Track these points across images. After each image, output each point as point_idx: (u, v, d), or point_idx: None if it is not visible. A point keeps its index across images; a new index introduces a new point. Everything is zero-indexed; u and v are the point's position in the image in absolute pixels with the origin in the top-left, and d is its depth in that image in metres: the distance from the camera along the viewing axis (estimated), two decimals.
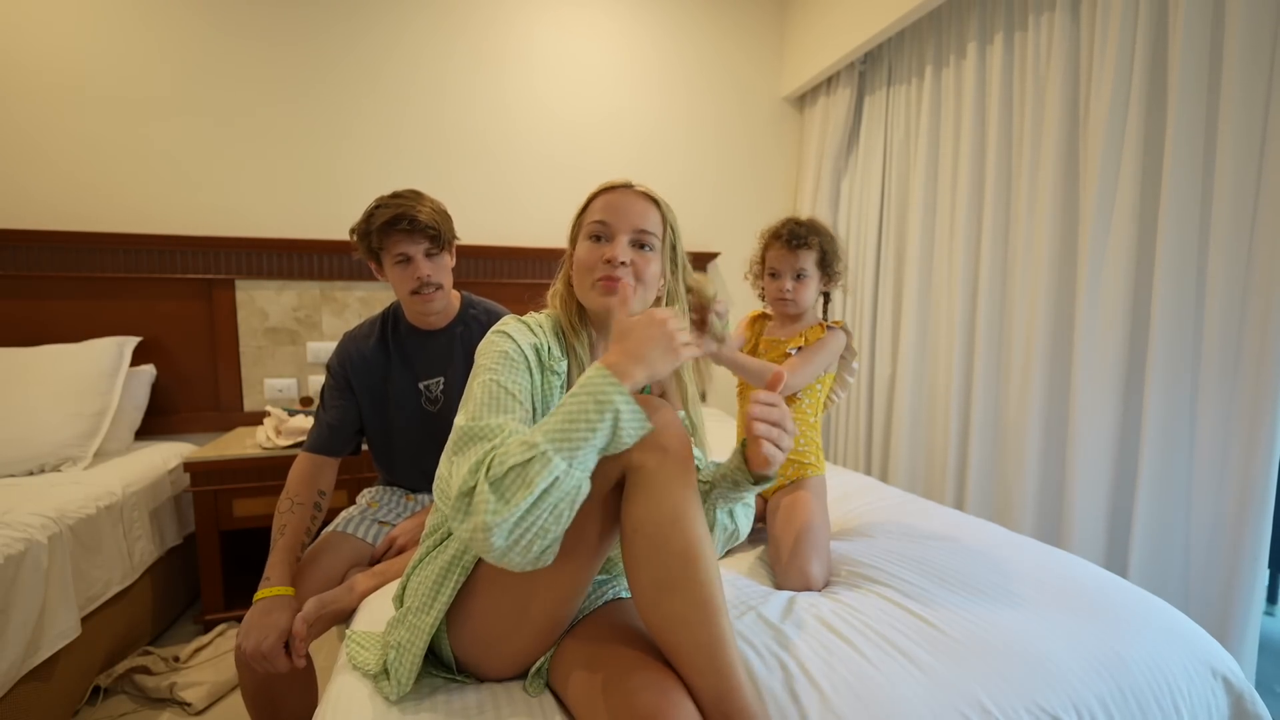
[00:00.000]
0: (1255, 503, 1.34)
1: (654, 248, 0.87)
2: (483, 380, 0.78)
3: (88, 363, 1.87)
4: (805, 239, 1.33)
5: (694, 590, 0.68)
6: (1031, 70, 1.87)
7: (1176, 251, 1.49)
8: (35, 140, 2.02)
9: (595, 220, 0.86)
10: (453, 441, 0.73)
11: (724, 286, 2.91)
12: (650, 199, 0.88)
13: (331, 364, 1.33)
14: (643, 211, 0.86)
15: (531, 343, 0.84)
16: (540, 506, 0.64)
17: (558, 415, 0.67)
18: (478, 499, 0.65)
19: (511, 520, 0.64)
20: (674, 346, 0.72)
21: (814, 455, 1.40)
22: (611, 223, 0.85)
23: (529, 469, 0.64)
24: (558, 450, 0.65)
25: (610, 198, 0.87)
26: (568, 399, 0.68)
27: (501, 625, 0.79)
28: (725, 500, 0.86)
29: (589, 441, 0.66)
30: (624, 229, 0.85)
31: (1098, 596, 1.02)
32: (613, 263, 0.83)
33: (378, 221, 1.21)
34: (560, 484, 0.64)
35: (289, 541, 1.17)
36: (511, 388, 0.78)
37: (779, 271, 1.38)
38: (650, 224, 0.86)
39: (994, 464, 2.01)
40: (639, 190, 0.88)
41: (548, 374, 0.84)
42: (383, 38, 2.33)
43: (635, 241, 0.86)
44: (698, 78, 2.78)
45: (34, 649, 1.29)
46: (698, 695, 0.67)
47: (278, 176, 2.26)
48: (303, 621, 1.02)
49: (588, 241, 0.86)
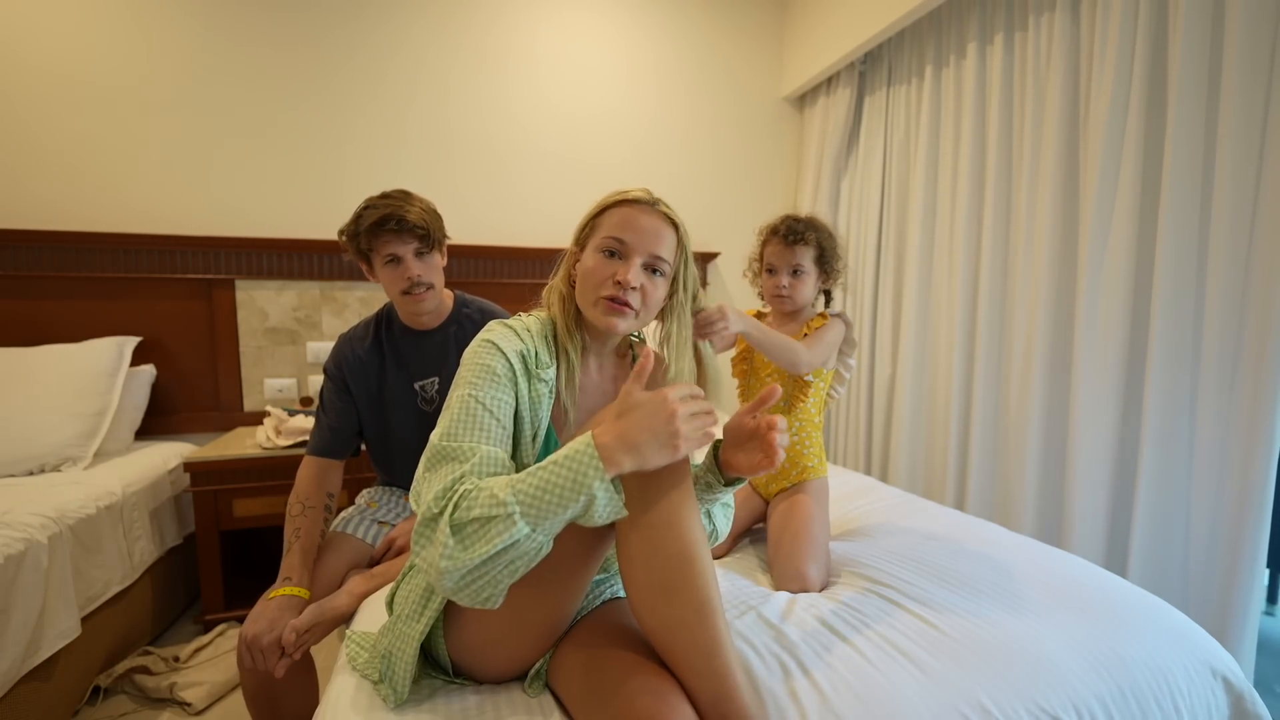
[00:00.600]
0: (1255, 503, 1.34)
1: (665, 273, 0.86)
2: (461, 395, 0.78)
3: (88, 363, 1.86)
4: (802, 235, 1.33)
5: (690, 592, 0.68)
6: (1031, 70, 1.87)
7: (1176, 251, 1.49)
8: (36, 140, 2.02)
9: (612, 235, 0.83)
10: (426, 457, 0.74)
11: (724, 286, 2.91)
12: (671, 221, 0.86)
13: (328, 367, 1.33)
14: (661, 234, 0.84)
15: (518, 350, 0.82)
16: (496, 562, 0.65)
17: (533, 478, 0.66)
18: (438, 537, 0.66)
19: (466, 569, 0.65)
20: (674, 443, 0.67)
21: (816, 458, 1.39)
22: (629, 242, 0.83)
23: (492, 525, 0.64)
24: (524, 515, 0.64)
25: (631, 214, 0.84)
26: (548, 464, 0.66)
27: (499, 631, 0.79)
28: (701, 502, 0.85)
29: (557, 515, 0.65)
30: (640, 251, 0.83)
31: (1098, 596, 1.02)
32: (623, 285, 0.81)
33: (366, 222, 1.21)
34: (519, 546, 0.65)
35: (305, 544, 1.17)
36: (490, 404, 0.77)
37: (776, 267, 1.37)
38: (665, 249, 0.84)
39: (994, 464, 2.01)
40: (661, 210, 0.85)
41: (535, 382, 0.83)
42: (384, 38, 2.33)
43: (648, 265, 0.84)
44: (698, 78, 2.78)
45: (34, 649, 1.29)
46: (695, 698, 0.67)
47: (278, 176, 2.26)
48: (293, 631, 1.02)
49: (599, 254, 0.84)
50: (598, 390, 0.92)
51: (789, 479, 1.38)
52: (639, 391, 0.70)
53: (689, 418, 0.68)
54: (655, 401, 0.68)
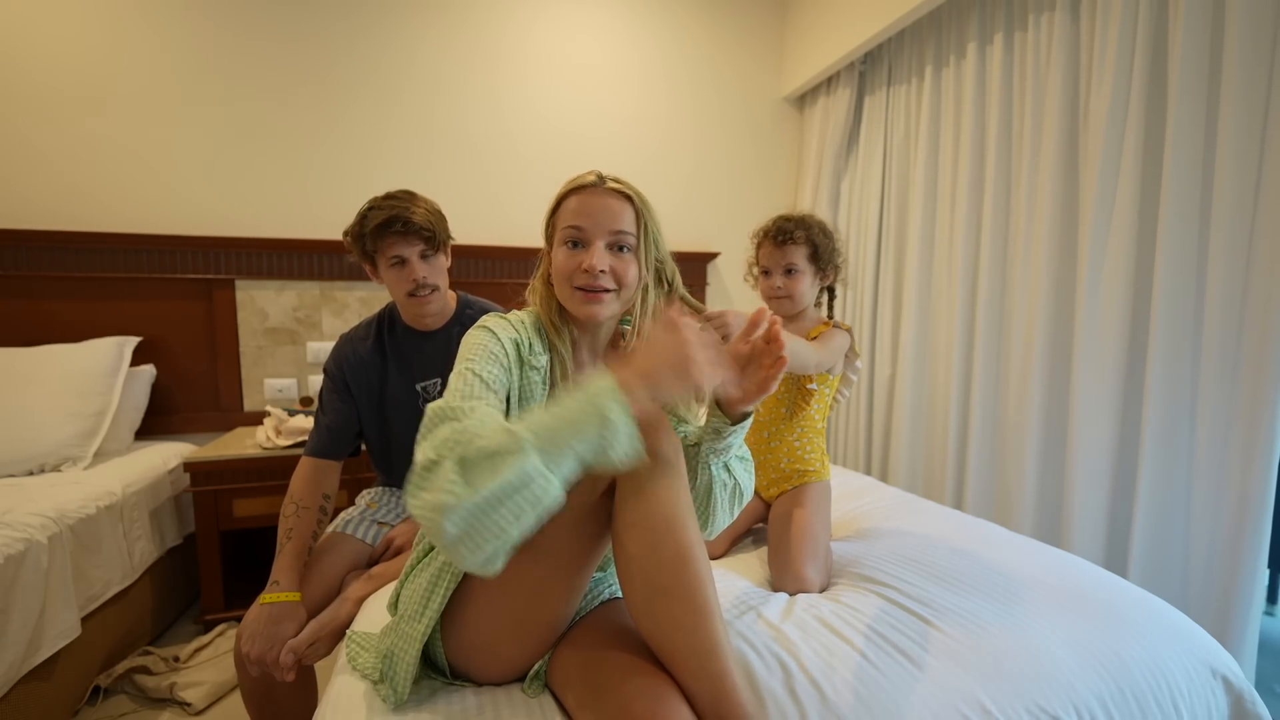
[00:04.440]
0: (1255, 502, 1.34)
1: (631, 247, 0.85)
2: (459, 370, 0.79)
3: (88, 363, 1.86)
4: (792, 234, 1.32)
5: (687, 594, 0.68)
6: (1031, 70, 1.87)
7: (1176, 251, 1.49)
8: (36, 141, 2.02)
9: (570, 225, 0.84)
10: (424, 423, 0.70)
11: (724, 286, 2.91)
12: (623, 195, 0.85)
13: (329, 367, 1.32)
14: (617, 211, 0.84)
15: (512, 338, 0.84)
16: (504, 502, 0.59)
17: (548, 413, 0.63)
18: (441, 474, 0.60)
19: (470, 506, 0.58)
20: (689, 370, 0.65)
21: (819, 461, 1.39)
22: (586, 228, 0.83)
23: (502, 458, 0.59)
24: (537, 447, 0.60)
25: (582, 200, 0.84)
26: (563, 399, 0.64)
27: (496, 632, 0.79)
28: (715, 453, 0.84)
29: (573, 447, 0.61)
30: (599, 234, 0.83)
31: (1097, 596, 1.02)
32: (591, 272, 0.81)
33: (371, 224, 1.20)
34: (531, 485, 0.59)
35: (297, 546, 1.17)
36: (487, 377, 0.77)
37: (770, 269, 1.36)
38: (625, 223, 0.84)
39: (994, 464, 2.01)
40: (610, 187, 0.85)
41: (527, 369, 0.84)
42: (383, 38, 2.33)
43: (612, 244, 0.84)
44: (698, 78, 2.78)
45: (34, 649, 1.29)
46: (693, 699, 0.67)
47: (278, 176, 2.26)
48: (290, 653, 1.02)
49: (564, 246, 0.84)
50: None
51: (791, 482, 1.37)
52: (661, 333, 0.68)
53: (703, 347, 0.66)
54: (669, 334, 0.67)
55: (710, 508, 0.86)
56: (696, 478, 0.84)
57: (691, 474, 0.84)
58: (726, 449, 0.84)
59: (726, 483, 0.86)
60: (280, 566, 1.13)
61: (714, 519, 0.87)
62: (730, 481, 0.86)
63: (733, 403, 0.78)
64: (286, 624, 1.05)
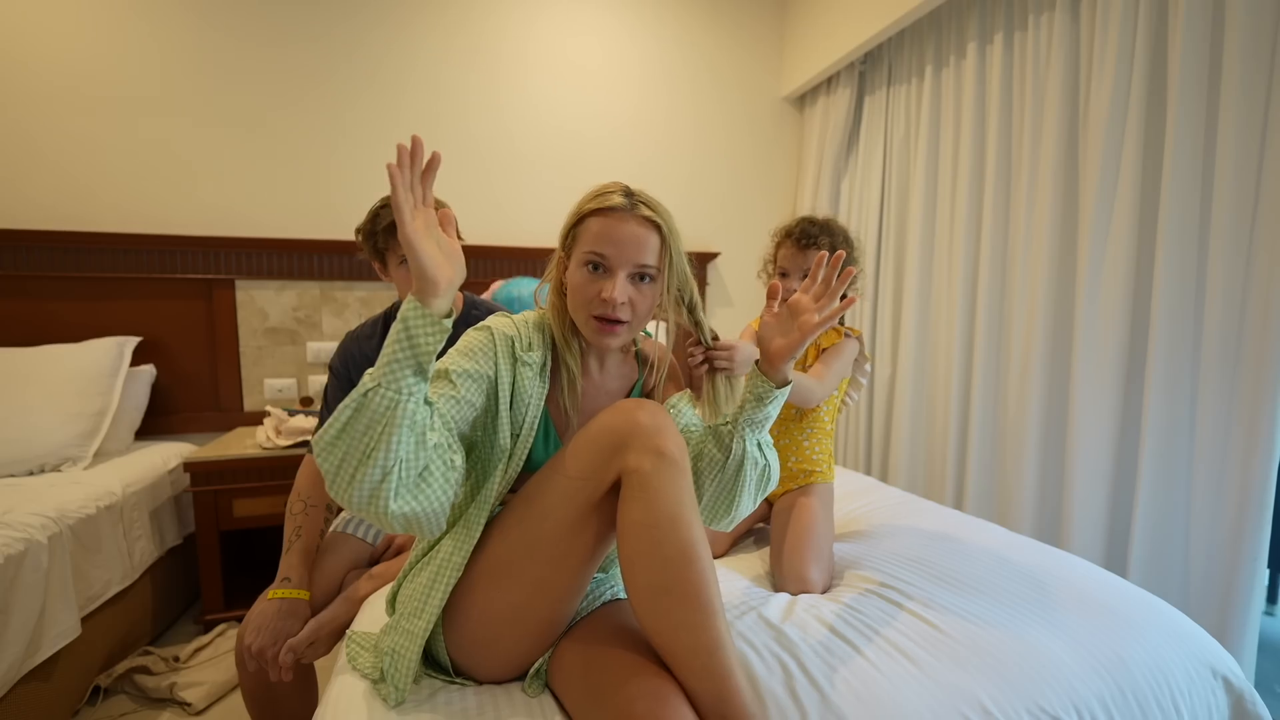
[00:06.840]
0: (1255, 502, 1.34)
1: (653, 278, 0.83)
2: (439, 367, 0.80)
3: (88, 363, 1.86)
4: (816, 239, 1.30)
5: (690, 593, 0.68)
6: (1031, 70, 1.87)
7: (1176, 251, 1.49)
8: (36, 141, 2.02)
9: (593, 250, 0.81)
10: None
11: (724, 286, 2.91)
12: (651, 223, 0.82)
13: (334, 364, 1.32)
14: (642, 242, 0.81)
15: (508, 334, 0.85)
16: (354, 422, 0.64)
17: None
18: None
19: (329, 436, 0.64)
20: (455, 253, 0.71)
21: (825, 463, 1.39)
22: (610, 256, 0.80)
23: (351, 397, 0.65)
24: (371, 375, 0.65)
25: (607, 224, 0.81)
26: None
27: (497, 628, 0.79)
28: (752, 425, 0.83)
29: (393, 357, 0.65)
30: (622, 264, 0.80)
31: (1098, 596, 1.02)
32: (611, 304, 0.80)
33: (384, 222, 1.21)
34: (371, 399, 0.64)
35: (306, 544, 1.17)
36: (453, 370, 0.78)
37: (788, 271, 1.34)
38: (649, 255, 0.81)
39: (994, 464, 2.01)
40: (640, 215, 0.81)
41: (519, 365, 0.84)
42: (383, 38, 2.33)
43: (635, 274, 0.82)
44: (698, 77, 2.78)
45: (34, 649, 1.29)
46: (696, 699, 0.67)
47: (278, 176, 2.26)
48: (290, 652, 1.02)
49: (584, 268, 0.82)
50: (600, 390, 0.92)
51: (796, 482, 1.37)
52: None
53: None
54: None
55: (738, 488, 0.85)
56: (729, 453, 0.84)
57: (724, 450, 0.85)
58: (765, 420, 0.84)
59: (759, 461, 0.85)
60: (290, 563, 1.13)
61: (739, 502, 0.86)
62: (762, 461, 0.86)
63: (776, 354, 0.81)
64: (294, 621, 1.05)
